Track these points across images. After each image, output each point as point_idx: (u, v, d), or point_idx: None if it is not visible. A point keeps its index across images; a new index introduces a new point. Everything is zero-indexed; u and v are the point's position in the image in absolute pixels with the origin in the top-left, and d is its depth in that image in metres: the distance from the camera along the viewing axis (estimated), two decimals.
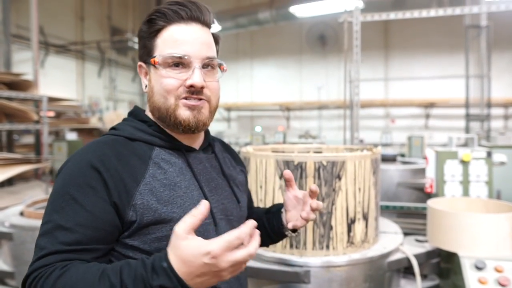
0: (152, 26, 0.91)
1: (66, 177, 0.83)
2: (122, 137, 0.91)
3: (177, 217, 0.83)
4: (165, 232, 0.83)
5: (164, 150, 0.92)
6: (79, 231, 0.77)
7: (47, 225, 0.79)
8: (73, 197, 0.79)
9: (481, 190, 2.28)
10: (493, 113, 8.05)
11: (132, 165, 0.85)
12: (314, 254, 1.75)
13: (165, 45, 0.89)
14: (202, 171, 0.96)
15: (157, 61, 0.88)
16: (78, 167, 0.83)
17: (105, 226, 0.80)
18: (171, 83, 0.88)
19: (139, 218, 0.82)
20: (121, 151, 0.86)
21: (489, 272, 1.70)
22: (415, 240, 2.17)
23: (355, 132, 3.74)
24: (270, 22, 9.35)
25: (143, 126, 0.93)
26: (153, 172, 0.87)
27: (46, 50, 9.24)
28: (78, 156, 0.86)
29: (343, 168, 1.74)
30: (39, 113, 4.18)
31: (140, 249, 0.84)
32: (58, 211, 0.79)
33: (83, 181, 0.80)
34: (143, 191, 0.83)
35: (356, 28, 3.54)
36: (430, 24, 9.29)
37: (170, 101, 0.89)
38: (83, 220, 0.78)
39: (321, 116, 11.39)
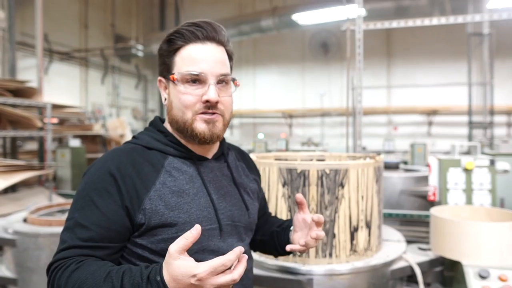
0: (171, 45, 0.99)
1: (88, 180, 0.94)
2: (140, 145, 1.01)
3: (182, 222, 0.94)
4: (170, 235, 0.93)
5: (177, 159, 1.01)
6: (94, 230, 0.88)
7: (69, 222, 0.91)
8: (92, 199, 0.91)
9: (485, 198, 2.28)
10: (496, 120, 8.04)
11: (145, 172, 0.95)
12: (317, 262, 1.75)
13: (183, 63, 0.97)
14: (213, 179, 1.04)
15: (176, 78, 0.97)
16: (98, 173, 0.94)
17: (116, 227, 0.91)
18: (189, 99, 0.96)
19: (147, 221, 0.92)
20: (136, 159, 0.97)
21: (493, 281, 1.69)
22: (418, 248, 2.16)
23: (358, 139, 3.74)
24: (272, 30, 9.39)
25: (160, 136, 1.03)
26: (164, 180, 0.96)
27: (50, 57, 9.31)
28: (100, 163, 0.97)
29: (346, 176, 1.74)
30: (43, 120, 4.20)
31: (147, 247, 0.94)
32: (79, 210, 0.91)
33: (101, 186, 0.92)
34: (152, 196, 0.93)
35: (358, 36, 3.56)
36: (432, 32, 9.31)
37: (188, 116, 0.97)
38: (98, 220, 0.89)
39: (324, 123, 11.39)
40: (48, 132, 4.14)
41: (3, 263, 2.50)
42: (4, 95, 3.74)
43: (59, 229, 2.27)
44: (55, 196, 3.91)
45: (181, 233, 0.86)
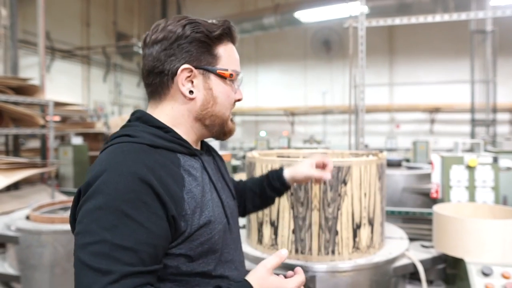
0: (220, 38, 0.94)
1: (111, 191, 0.76)
2: (145, 144, 0.86)
3: (213, 220, 0.90)
4: (206, 236, 0.88)
5: (185, 156, 0.93)
6: (141, 250, 0.75)
7: (100, 246, 0.73)
8: (126, 214, 0.75)
9: (487, 196, 2.27)
10: (499, 118, 8.02)
11: (173, 173, 0.85)
12: (319, 260, 1.74)
13: (230, 61, 0.96)
14: (212, 173, 1.01)
15: (229, 74, 0.95)
16: (124, 180, 0.77)
17: (163, 242, 0.80)
18: (233, 97, 0.99)
19: (189, 227, 0.84)
20: (158, 160, 0.84)
21: (496, 278, 1.69)
22: (421, 245, 2.16)
23: (361, 137, 3.73)
24: (274, 27, 9.38)
25: (160, 133, 0.91)
26: (188, 179, 0.88)
27: (52, 55, 9.33)
28: (118, 168, 0.79)
29: (349, 173, 1.74)
30: (45, 118, 4.21)
31: (186, 255, 0.86)
32: (111, 230, 0.73)
33: (134, 196, 0.76)
34: (187, 199, 0.85)
35: (361, 33, 3.55)
36: (435, 29, 9.28)
37: (228, 112, 0.99)
38: (143, 238, 0.75)
39: (326, 121, 11.38)
40: (50, 130, 4.15)
41: (6, 261, 2.51)
42: (6, 93, 3.75)
43: (61, 227, 2.28)
44: (57, 194, 3.92)
45: (214, 232, 0.90)
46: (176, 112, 0.94)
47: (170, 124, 0.94)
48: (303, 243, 1.76)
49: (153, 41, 0.92)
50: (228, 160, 2.50)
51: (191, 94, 0.92)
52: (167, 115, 0.94)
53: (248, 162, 1.99)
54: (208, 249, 0.88)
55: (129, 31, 11.57)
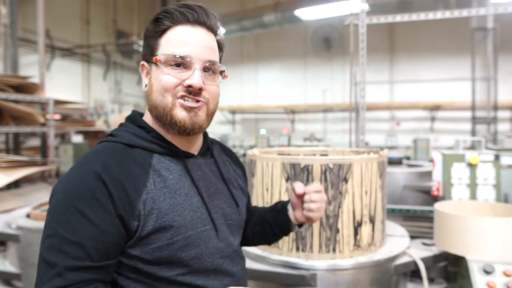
0: (158, 26, 0.91)
1: (68, 189, 0.81)
2: (121, 144, 0.89)
3: (177, 225, 0.85)
4: (165, 241, 0.84)
5: (163, 157, 0.92)
6: (89, 245, 0.76)
7: (52, 239, 0.77)
8: (78, 210, 0.78)
9: (489, 193, 2.26)
10: (500, 116, 8.00)
11: (133, 174, 0.85)
12: (320, 257, 1.74)
13: (169, 45, 0.89)
14: (201, 176, 0.96)
15: (159, 59, 0.89)
16: (81, 178, 0.81)
17: (113, 238, 0.80)
18: (170, 80, 0.88)
19: (140, 228, 0.82)
20: (121, 159, 0.86)
21: (497, 276, 1.69)
22: (422, 243, 2.15)
23: (361, 135, 3.73)
24: (275, 25, 9.35)
25: (142, 133, 0.92)
26: (154, 181, 0.86)
27: (52, 53, 9.31)
28: (80, 167, 0.84)
29: (350, 171, 1.73)
30: (45, 116, 4.20)
31: (141, 258, 0.84)
32: (64, 225, 0.77)
33: (88, 193, 0.79)
34: (145, 200, 0.83)
35: (361, 30, 3.53)
36: (435, 27, 9.25)
37: (168, 99, 0.89)
38: (91, 234, 0.77)
39: (326, 119, 11.36)
40: (50, 128, 4.14)
41: (6, 259, 2.51)
42: (7, 91, 3.74)
43: None
44: None
45: (176, 238, 0.85)
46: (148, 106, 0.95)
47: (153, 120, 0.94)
48: (304, 241, 1.76)
49: None
50: None
51: (145, 88, 0.95)
52: (147, 114, 0.97)
53: (249, 160, 1.98)
54: (169, 255, 0.85)
55: (129, 29, 11.55)
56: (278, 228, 1.15)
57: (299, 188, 1.03)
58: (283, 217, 1.13)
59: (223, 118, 12.52)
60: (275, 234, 1.17)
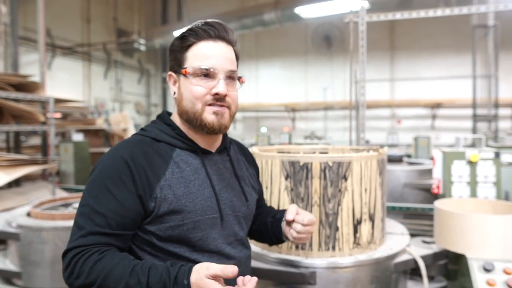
0: (184, 42, 1.06)
1: (102, 169, 1.00)
2: (149, 137, 1.07)
3: (188, 210, 1.01)
4: (177, 222, 1.00)
5: (184, 152, 1.08)
6: (110, 217, 0.94)
7: (84, 208, 0.96)
8: (107, 187, 0.96)
9: (489, 191, 2.26)
10: (501, 113, 7.98)
11: (155, 163, 1.02)
12: (320, 255, 1.74)
13: (195, 58, 1.04)
14: (216, 171, 1.11)
15: (188, 71, 1.04)
16: (112, 162, 1.00)
17: (131, 214, 0.97)
18: (199, 90, 1.03)
19: (157, 209, 0.98)
20: (147, 150, 1.03)
21: (497, 274, 1.68)
22: (422, 241, 2.15)
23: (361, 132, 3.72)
24: (275, 23, 9.33)
25: (168, 130, 1.09)
26: (172, 171, 1.03)
27: (53, 52, 9.32)
28: (113, 152, 1.03)
29: (349, 169, 1.73)
30: (46, 115, 4.20)
31: (156, 234, 1.00)
32: (94, 198, 0.96)
33: (116, 174, 0.97)
34: (162, 186, 1.00)
35: (362, 28, 3.53)
36: (436, 24, 9.24)
37: (198, 106, 1.04)
38: (114, 208, 0.95)
39: (327, 117, 11.36)
40: (51, 127, 4.14)
41: (7, 257, 2.51)
42: (7, 90, 3.74)
43: (62, 223, 2.28)
44: (58, 190, 3.92)
45: (186, 221, 1.01)
46: (176, 111, 1.12)
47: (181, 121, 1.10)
48: None
49: None
50: None
51: (174, 95, 1.11)
52: (174, 113, 1.13)
53: None
54: (179, 234, 1.01)
55: (130, 28, 11.55)
56: (273, 234, 1.28)
57: (289, 215, 1.16)
58: (277, 227, 1.25)
59: None
60: (271, 238, 1.30)
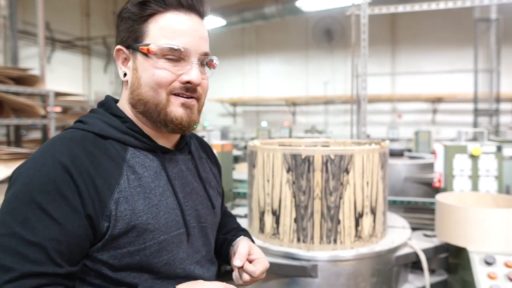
0: (145, 9, 0.80)
1: (29, 181, 0.70)
2: (91, 133, 0.79)
3: (151, 229, 0.78)
4: (137, 246, 0.76)
5: (139, 151, 0.83)
6: (51, 248, 0.67)
7: (8, 239, 0.66)
8: (40, 207, 0.68)
9: (491, 185, 2.26)
10: (502, 108, 7.95)
11: (105, 168, 0.75)
12: (321, 248, 1.74)
13: (162, 34, 0.79)
14: (178, 174, 0.88)
15: (152, 50, 0.79)
16: (45, 169, 0.70)
17: (80, 241, 0.71)
18: (165, 76, 0.79)
19: (111, 229, 0.73)
20: (92, 151, 0.76)
21: (499, 267, 1.68)
22: (423, 234, 2.15)
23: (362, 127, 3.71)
24: (276, 17, 9.28)
25: (116, 122, 0.83)
26: (128, 178, 0.78)
27: (53, 46, 9.29)
28: (43, 156, 0.73)
29: (351, 162, 1.72)
30: (46, 108, 4.19)
31: (109, 264, 0.76)
32: (22, 222, 0.67)
33: (53, 187, 0.69)
34: (117, 199, 0.74)
35: (364, 21, 3.50)
36: (438, 18, 9.18)
37: (161, 96, 0.80)
38: (55, 235, 0.68)
39: (327, 111, 11.34)
40: (51, 120, 4.14)
41: None
42: (7, 83, 3.73)
43: None
44: None
45: (149, 242, 0.77)
46: (124, 98, 0.87)
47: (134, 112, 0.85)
48: (305, 232, 1.76)
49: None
50: (230, 150, 2.49)
51: (124, 77, 0.84)
52: (121, 101, 0.88)
53: (250, 151, 1.98)
54: (140, 261, 0.77)
55: None
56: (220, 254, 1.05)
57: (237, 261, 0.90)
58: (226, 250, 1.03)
59: (224, 110, 12.50)
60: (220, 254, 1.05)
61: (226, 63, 12.07)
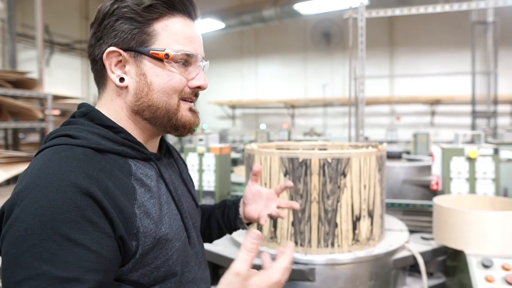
0: (151, 10, 0.77)
1: (44, 212, 0.60)
2: (89, 148, 0.72)
3: (170, 238, 0.77)
4: (162, 258, 0.75)
5: (138, 162, 0.80)
6: (91, 279, 0.61)
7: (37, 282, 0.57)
8: (67, 238, 0.60)
9: (488, 188, 2.26)
10: (500, 110, 7.98)
11: (121, 185, 0.71)
12: (319, 252, 1.74)
13: (175, 40, 0.78)
14: (169, 179, 0.87)
15: (171, 55, 0.77)
16: (61, 196, 0.62)
17: (114, 266, 0.67)
18: (181, 81, 0.80)
19: (141, 247, 0.71)
20: (104, 168, 0.70)
21: (496, 270, 1.68)
22: (421, 237, 2.15)
23: (360, 129, 3.72)
24: (274, 20, 9.31)
25: (109, 134, 0.77)
26: (140, 191, 0.75)
27: (51, 49, 9.29)
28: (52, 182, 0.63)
29: (348, 165, 1.72)
30: (44, 111, 4.19)
31: (139, 283, 0.73)
32: (50, 260, 0.58)
33: (76, 214, 0.62)
34: (139, 215, 0.72)
35: (361, 24, 3.52)
36: (435, 21, 9.21)
37: (174, 101, 0.80)
38: (91, 264, 0.61)
39: (326, 113, 11.35)
40: (49, 124, 4.13)
41: None
42: (5, 86, 3.73)
43: None
44: None
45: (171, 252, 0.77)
46: (115, 105, 0.81)
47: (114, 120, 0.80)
48: (302, 235, 1.75)
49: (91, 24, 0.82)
50: (228, 153, 2.49)
51: (122, 82, 0.79)
52: (109, 109, 0.81)
53: (247, 155, 1.98)
54: (166, 272, 0.76)
55: None
56: (225, 224, 1.15)
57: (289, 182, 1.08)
58: (233, 213, 1.13)
59: (223, 113, 12.51)
60: (220, 230, 1.16)
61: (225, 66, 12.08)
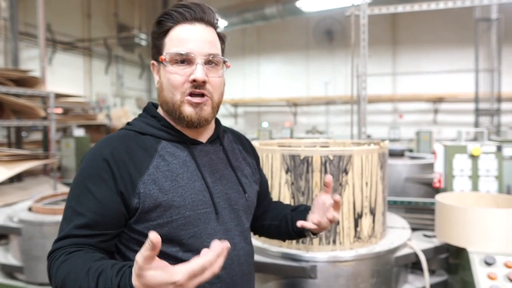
0: (161, 27, 0.99)
1: (82, 168, 0.95)
2: (134, 131, 1.01)
3: (177, 205, 0.94)
4: (165, 219, 0.94)
5: (171, 144, 1.01)
6: (89, 216, 0.89)
7: (67, 211, 0.93)
8: (86, 186, 0.92)
9: (491, 185, 2.25)
10: (503, 107, 7.93)
11: (138, 157, 0.95)
12: (320, 249, 1.74)
13: (172, 44, 0.97)
14: (207, 162, 1.04)
15: (164, 58, 0.97)
16: (92, 159, 0.95)
17: (112, 213, 0.91)
18: (177, 79, 0.96)
19: (141, 205, 0.92)
20: (129, 145, 0.97)
21: (498, 267, 1.68)
22: (423, 235, 2.15)
23: (363, 127, 3.71)
24: (276, 17, 9.28)
25: (153, 121, 1.03)
26: (157, 164, 0.96)
27: (54, 48, 9.30)
28: (94, 150, 0.97)
29: (350, 163, 1.72)
30: (46, 110, 4.20)
31: (143, 233, 0.93)
32: (75, 198, 0.92)
33: (95, 172, 0.92)
34: (146, 180, 0.93)
35: (363, 21, 3.50)
36: (438, 18, 9.17)
37: (177, 97, 0.97)
38: (93, 207, 0.90)
39: (328, 111, 11.32)
40: (52, 122, 4.15)
41: (9, 252, 2.52)
42: (7, 85, 3.74)
43: None
44: (59, 185, 3.93)
45: (175, 216, 0.95)
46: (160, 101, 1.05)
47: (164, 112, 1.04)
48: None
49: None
50: None
51: (157, 85, 1.04)
52: (160, 104, 1.06)
53: None
54: (168, 232, 0.94)
55: (130, 23, 11.50)
56: (293, 228, 1.18)
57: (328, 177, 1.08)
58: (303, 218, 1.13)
59: (225, 111, 12.50)
60: (289, 233, 1.21)
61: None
